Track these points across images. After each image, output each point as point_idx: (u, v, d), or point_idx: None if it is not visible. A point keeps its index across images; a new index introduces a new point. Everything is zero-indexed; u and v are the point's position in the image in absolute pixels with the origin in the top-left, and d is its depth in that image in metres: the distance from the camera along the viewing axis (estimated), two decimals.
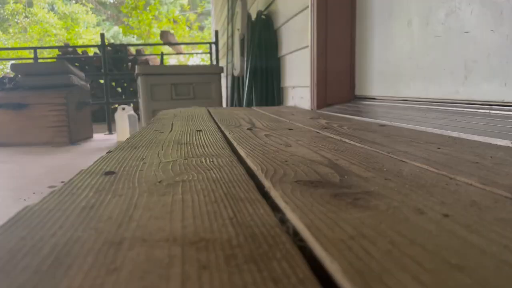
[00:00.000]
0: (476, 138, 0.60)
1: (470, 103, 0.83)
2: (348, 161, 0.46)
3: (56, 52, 5.90)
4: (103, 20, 13.97)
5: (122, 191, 0.35)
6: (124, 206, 0.31)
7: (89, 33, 12.87)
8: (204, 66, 3.60)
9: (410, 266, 0.19)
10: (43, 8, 12.88)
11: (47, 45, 11.46)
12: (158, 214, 0.29)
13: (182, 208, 0.30)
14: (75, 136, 3.16)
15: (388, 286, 0.18)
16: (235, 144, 0.61)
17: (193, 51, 10.63)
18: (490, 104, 0.77)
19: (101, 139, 3.44)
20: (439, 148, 0.53)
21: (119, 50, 5.25)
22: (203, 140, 0.68)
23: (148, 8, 12.39)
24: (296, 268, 0.20)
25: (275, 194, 0.33)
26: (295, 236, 0.24)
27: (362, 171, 0.41)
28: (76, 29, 12.58)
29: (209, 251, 0.22)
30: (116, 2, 13.93)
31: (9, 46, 11.37)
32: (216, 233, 0.25)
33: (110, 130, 3.87)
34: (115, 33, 12.94)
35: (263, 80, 2.05)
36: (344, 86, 1.39)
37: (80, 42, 11.78)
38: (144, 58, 5.39)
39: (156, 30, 11.93)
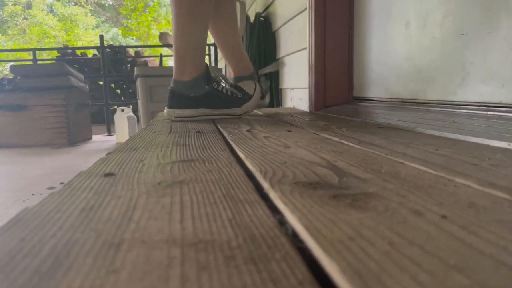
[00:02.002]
0: (474, 139, 0.60)
1: (467, 104, 0.83)
2: (346, 162, 0.46)
3: (55, 53, 5.91)
4: (102, 22, 13.99)
5: (121, 192, 0.35)
6: (124, 208, 0.31)
7: (88, 35, 12.88)
8: None
9: (409, 266, 0.20)
10: (42, 10, 12.88)
11: (46, 46, 11.47)
12: (157, 215, 0.29)
13: (181, 209, 0.30)
14: (74, 137, 3.16)
15: (387, 287, 0.18)
16: (234, 145, 0.62)
17: None
18: (488, 106, 0.77)
19: (100, 141, 3.44)
20: (437, 150, 0.53)
21: (118, 51, 5.25)
22: (202, 141, 0.68)
23: (147, 10, 12.41)
24: (295, 269, 0.20)
25: (274, 195, 0.33)
26: (294, 237, 0.24)
27: (361, 172, 0.41)
28: (76, 31, 12.59)
29: (209, 252, 0.22)
30: (115, 4, 13.95)
31: (8, 48, 11.37)
32: (216, 235, 0.25)
33: (109, 132, 3.87)
34: (114, 35, 12.96)
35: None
36: (342, 87, 1.39)
37: (79, 44, 11.79)
38: (143, 59, 5.39)
39: (155, 32, 11.94)
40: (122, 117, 3.25)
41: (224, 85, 1.20)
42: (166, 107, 1.17)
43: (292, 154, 0.52)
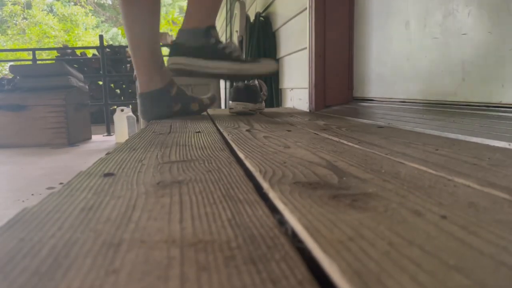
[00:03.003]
0: (474, 139, 0.60)
1: (467, 104, 0.83)
2: (346, 162, 0.46)
3: (54, 53, 5.90)
4: (102, 22, 13.99)
5: (120, 192, 0.35)
6: (123, 208, 0.31)
7: (88, 35, 12.87)
8: None
9: (409, 267, 0.19)
10: (42, 10, 12.86)
11: (45, 46, 11.46)
12: (156, 215, 0.29)
13: (180, 209, 0.30)
14: (74, 137, 3.15)
15: (387, 287, 0.18)
16: (233, 145, 0.62)
17: None
18: (488, 106, 0.77)
19: (100, 141, 3.44)
20: (437, 150, 0.53)
21: (118, 51, 5.25)
22: (201, 141, 0.68)
23: None
24: (295, 269, 0.20)
25: (273, 195, 0.33)
26: (294, 237, 0.24)
27: (361, 172, 0.41)
28: (76, 32, 12.57)
29: (208, 253, 0.22)
30: (115, 4, 13.94)
31: (8, 48, 11.36)
32: (215, 235, 0.25)
33: (109, 132, 3.87)
34: (114, 35, 12.95)
35: None
36: (342, 87, 1.39)
37: (78, 44, 11.79)
38: None
39: None
40: (122, 117, 3.25)
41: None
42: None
43: (292, 154, 0.52)
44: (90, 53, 5.52)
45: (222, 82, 2.97)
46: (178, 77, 2.73)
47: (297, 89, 1.66)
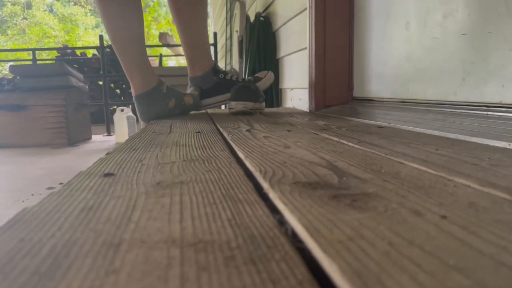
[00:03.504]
0: (474, 139, 0.60)
1: (467, 104, 0.83)
2: (346, 162, 0.46)
3: (54, 53, 5.90)
4: (102, 22, 14.00)
5: (120, 192, 0.35)
6: (123, 208, 0.31)
7: (88, 35, 12.87)
8: None
9: (409, 267, 0.19)
10: (44, 10, 12.86)
11: (45, 46, 11.45)
12: (156, 215, 0.29)
13: (180, 209, 0.30)
14: (73, 137, 3.15)
15: (387, 287, 0.18)
16: (233, 145, 0.62)
17: None
18: (488, 106, 0.77)
19: (100, 141, 3.44)
20: (437, 150, 0.53)
21: None
22: (201, 141, 0.68)
23: (147, 10, 12.41)
24: (295, 269, 0.20)
25: (273, 195, 0.33)
26: (294, 237, 0.24)
27: (361, 172, 0.41)
28: (76, 32, 12.58)
29: (208, 253, 0.22)
30: None
31: (8, 48, 11.36)
32: (215, 235, 0.25)
33: (109, 132, 3.87)
34: None
35: None
36: (342, 87, 1.39)
37: (78, 44, 11.79)
38: None
39: (155, 32, 11.94)
40: (122, 117, 3.25)
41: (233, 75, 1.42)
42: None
43: (292, 154, 0.52)
44: (90, 53, 5.51)
45: None
46: (176, 77, 2.78)
47: (297, 89, 1.66)
